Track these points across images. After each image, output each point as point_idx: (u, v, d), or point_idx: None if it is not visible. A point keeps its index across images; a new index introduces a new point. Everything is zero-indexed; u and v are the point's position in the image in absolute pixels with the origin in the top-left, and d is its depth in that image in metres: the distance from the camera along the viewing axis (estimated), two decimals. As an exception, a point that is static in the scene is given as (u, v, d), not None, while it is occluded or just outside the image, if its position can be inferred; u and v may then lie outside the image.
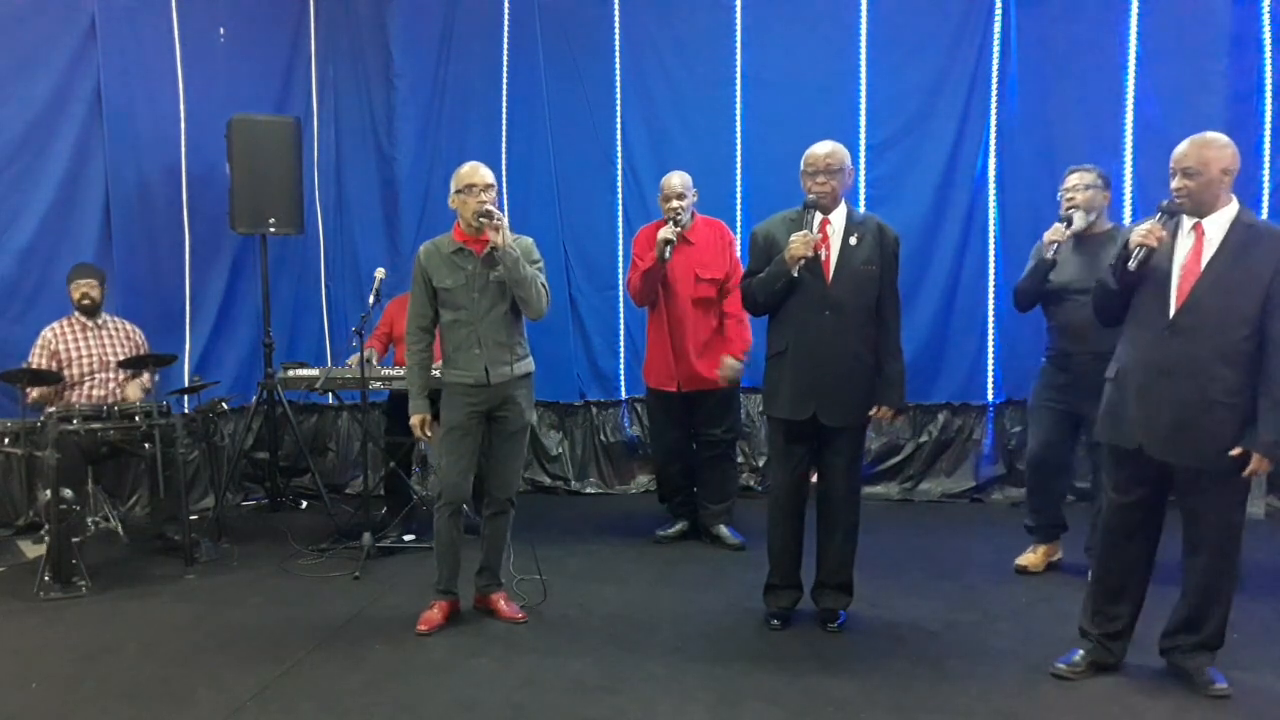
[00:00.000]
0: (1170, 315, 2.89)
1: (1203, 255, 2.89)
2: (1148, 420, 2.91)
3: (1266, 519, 5.06)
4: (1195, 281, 2.87)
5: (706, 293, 4.50)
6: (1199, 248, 2.90)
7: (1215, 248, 2.87)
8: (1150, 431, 2.90)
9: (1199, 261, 2.88)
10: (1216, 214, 2.90)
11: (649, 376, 4.71)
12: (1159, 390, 2.89)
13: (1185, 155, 2.88)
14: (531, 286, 3.49)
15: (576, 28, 5.71)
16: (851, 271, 3.41)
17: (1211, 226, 2.90)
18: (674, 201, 4.46)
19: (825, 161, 3.41)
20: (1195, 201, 2.89)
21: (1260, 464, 2.82)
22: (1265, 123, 5.04)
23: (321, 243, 5.95)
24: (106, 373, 4.72)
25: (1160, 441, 2.90)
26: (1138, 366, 2.95)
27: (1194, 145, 2.89)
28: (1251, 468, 2.83)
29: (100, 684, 3.18)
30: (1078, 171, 4.01)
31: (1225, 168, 2.87)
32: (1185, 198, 2.89)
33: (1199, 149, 2.88)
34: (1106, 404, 3.07)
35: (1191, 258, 2.90)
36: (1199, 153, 2.87)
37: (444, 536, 3.62)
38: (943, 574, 4.19)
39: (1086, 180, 3.97)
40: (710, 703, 2.99)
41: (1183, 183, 2.88)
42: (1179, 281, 2.90)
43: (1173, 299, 2.90)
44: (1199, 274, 2.87)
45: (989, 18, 5.31)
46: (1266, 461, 2.82)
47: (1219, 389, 2.83)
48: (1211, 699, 2.94)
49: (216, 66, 5.61)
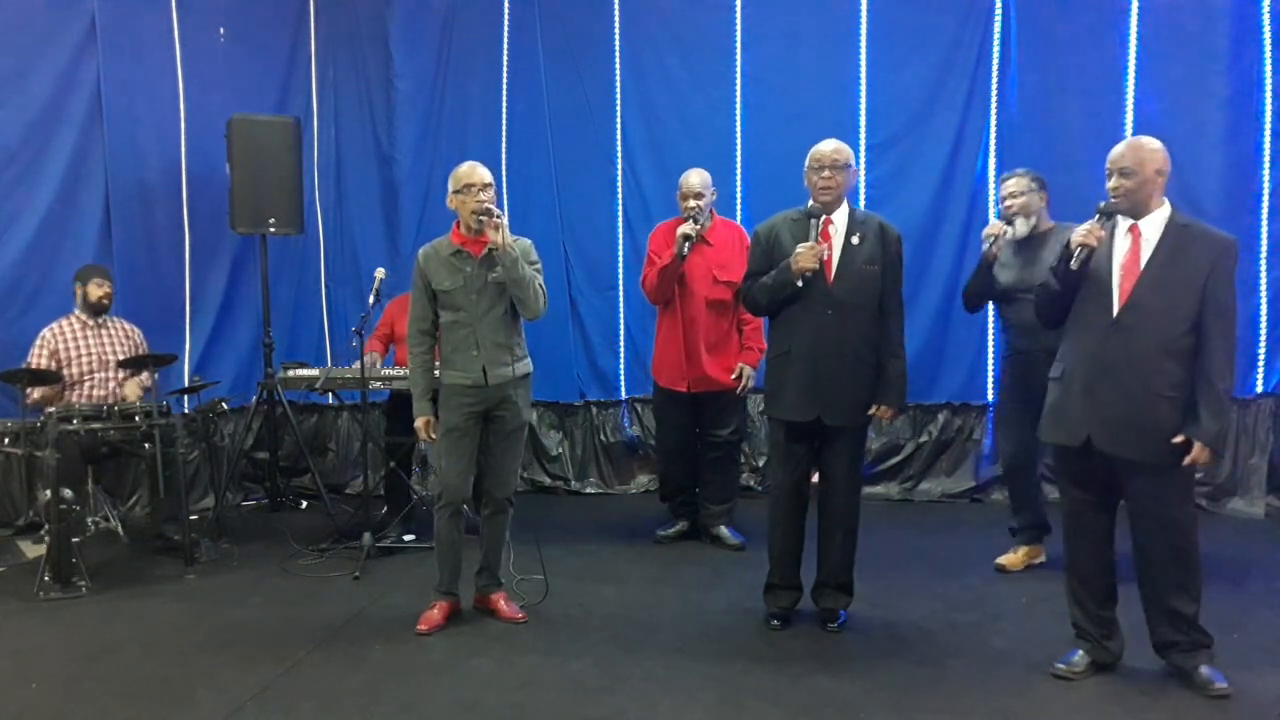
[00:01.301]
0: (1114, 314, 2.97)
1: (1141, 255, 2.97)
2: (1096, 416, 2.97)
3: (1266, 519, 5.06)
4: (1136, 281, 2.95)
5: (722, 295, 4.48)
6: (1136, 248, 2.99)
7: (1152, 248, 2.97)
8: (1099, 426, 2.96)
9: (1138, 262, 2.97)
10: (1151, 215, 3.00)
11: (659, 375, 4.69)
12: (1106, 386, 2.95)
13: (1122, 156, 2.98)
14: (529, 287, 3.49)
15: (576, 28, 5.72)
16: (854, 271, 3.42)
17: (1147, 227, 2.99)
18: (692, 201, 4.44)
19: (832, 157, 3.43)
20: (1131, 201, 2.97)
21: (1200, 453, 2.88)
22: (1265, 123, 5.04)
23: (321, 243, 5.95)
24: (106, 372, 4.72)
25: (1109, 436, 2.95)
26: (1083, 365, 3.01)
27: (1129, 147, 3.00)
28: (1192, 456, 2.89)
29: (100, 684, 3.18)
30: (1013, 177, 4.10)
31: (1159, 168, 2.97)
32: (1122, 197, 2.98)
33: (1134, 150, 2.98)
34: (1050, 404, 3.12)
35: (1130, 258, 2.98)
36: (1135, 154, 2.97)
37: (444, 537, 3.63)
38: (943, 574, 4.19)
39: (1022, 185, 4.04)
40: (710, 703, 2.99)
41: (1119, 182, 2.97)
42: (1120, 281, 2.98)
43: (1115, 298, 2.98)
44: (1139, 274, 2.96)
45: (989, 18, 5.32)
46: (1207, 451, 2.88)
47: (1163, 383, 2.91)
48: (1211, 699, 2.93)
49: (216, 66, 5.61)
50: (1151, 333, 2.92)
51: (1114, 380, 2.94)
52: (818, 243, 3.38)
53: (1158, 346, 2.91)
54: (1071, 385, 3.04)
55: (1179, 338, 2.91)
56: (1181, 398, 2.91)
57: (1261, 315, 5.12)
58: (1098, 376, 2.97)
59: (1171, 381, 2.91)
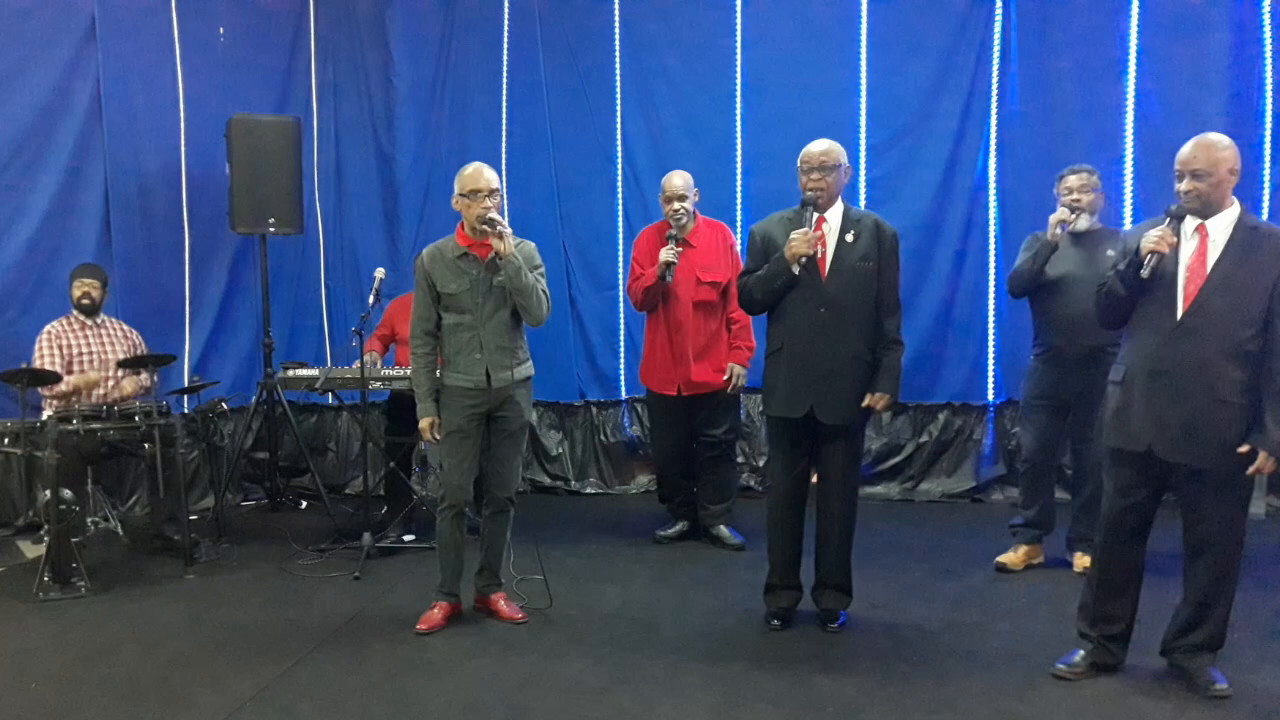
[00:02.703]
0: (1178, 317, 2.89)
1: (1208, 257, 2.89)
2: (1157, 421, 2.90)
3: (1267, 519, 5.05)
4: (1202, 284, 2.87)
5: (708, 295, 4.49)
6: (1203, 249, 2.90)
7: (1220, 250, 2.88)
8: (1160, 433, 2.90)
9: (1204, 263, 2.89)
10: (1219, 215, 2.90)
11: (649, 380, 4.70)
12: (1168, 391, 2.89)
13: (1194, 157, 2.87)
14: (532, 294, 3.49)
15: (576, 28, 5.71)
16: (847, 268, 3.42)
17: (1215, 228, 2.90)
18: (675, 203, 4.44)
19: (820, 159, 3.42)
20: (1204, 203, 2.89)
21: (1266, 462, 2.82)
22: (1265, 123, 5.03)
23: (321, 243, 5.94)
24: (106, 371, 4.72)
25: (1170, 442, 2.89)
26: (1145, 369, 2.94)
27: (1201, 147, 2.88)
28: (1257, 465, 2.83)
29: (100, 684, 3.18)
30: (1079, 173, 4.03)
31: (1232, 168, 2.88)
32: (1195, 199, 2.88)
33: (1207, 150, 2.87)
34: (1113, 407, 3.05)
35: (1196, 260, 2.90)
36: (1208, 154, 2.86)
37: (446, 538, 3.63)
38: (943, 574, 4.19)
39: (1090, 182, 4.00)
40: (710, 703, 2.99)
41: (1192, 185, 2.87)
42: (1185, 284, 2.90)
43: (1180, 301, 2.90)
44: (1205, 276, 2.88)
45: (989, 18, 5.31)
46: (1273, 461, 2.82)
47: (1227, 389, 2.84)
48: (1212, 699, 2.94)
49: (216, 66, 5.61)
50: (1216, 336, 2.84)
51: (1176, 385, 2.87)
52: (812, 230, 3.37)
53: (1222, 351, 2.84)
54: (1134, 389, 2.96)
55: (1245, 342, 2.83)
56: (1245, 403, 2.84)
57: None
58: (1160, 381, 2.89)
59: (1235, 387, 2.84)
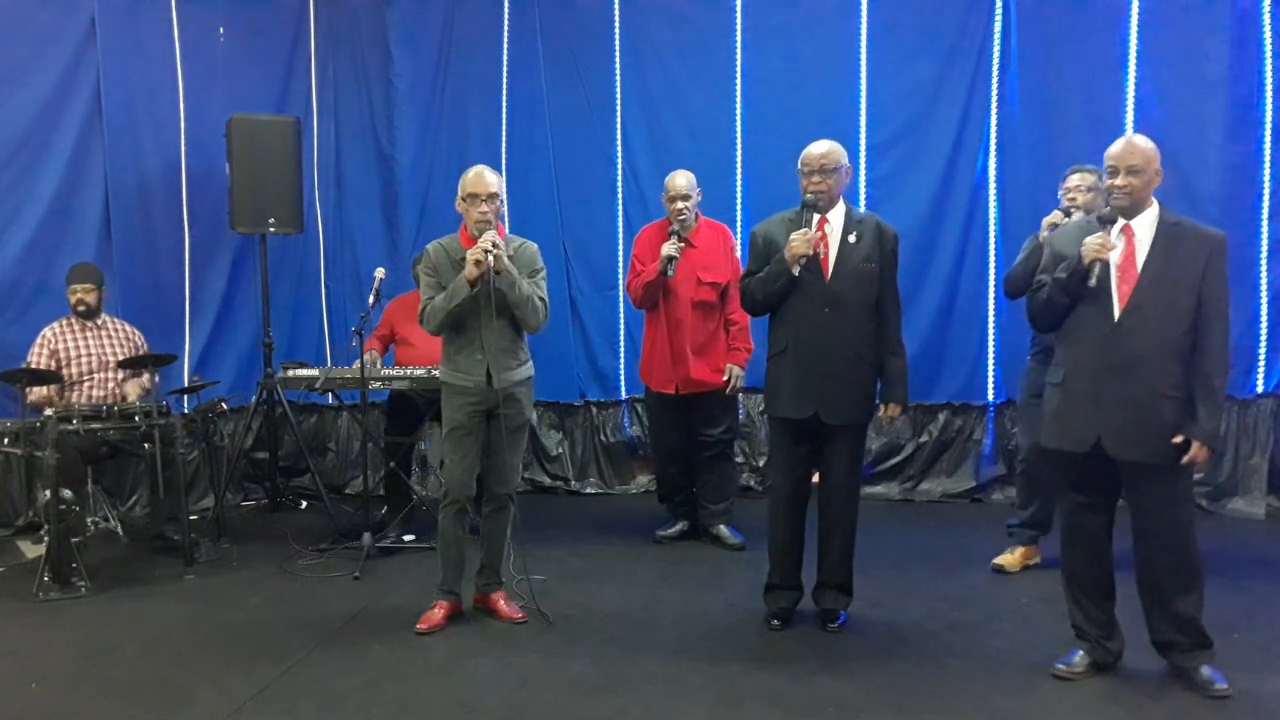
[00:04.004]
0: (1115, 317, 2.95)
1: (1136, 257, 2.95)
2: (1106, 421, 2.94)
3: (1267, 519, 5.06)
4: (1135, 284, 2.94)
5: (707, 296, 4.50)
6: (1130, 249, 2.97)
7: (1147, 249, 2.95)
8: (1110, 431, 2.94)
9: (1134, 264, 2.95)
10: (1142, 215, 2.97)
11: (648, 378, 4.71)
12: (1112, 390, 2.94)
13: (1130, 154, 2.94)
14: (528, 304, 3.49)
15: (576, 28, 5.71)
16: (850, 269, 3.42)
17: (1140, 227, 2.97)
18: (679, 203, 4.44)
19: (820, 161, 3.42)
20: (1134, 200, 2.95)
21: (1199, 452, 2.88)
22: (1265, 123, 5.04)
23: (321, 243, 5.94)
24: (106, 373, 4.72)
25: (1119, 440, 2.94)
26: (1086, 370, 2.99)
27: (1134, 145, 2.97)
28: (1190, 455, 2.89)
29: (100, 684, 3.18)
30: (1081, 172, 4.02)
31: (1158, 168, 2.96)
32: (1127, 196, 2.94)
33: (1139, 148, 2.95)
34: (1052, 410, 3.09)
35: (1126, 260, 2.96)
36: (1141, 152, 2.94)
37: (448, 536, 3.63)
38: (943, 574, 4.19)
39: (1089, 182, 3.99)
40: (710, 703, 2.99)
41: (1127, 180, 2.93)
42: (1118, 284, 2.96)
43: (1115, 302, 2.96)
44: (1136, 276, 2.94)
45: (989, 18, 5.31)
46: (1205, 450, 2.88)
47: (1168, 383, 2.91)
48: (1212, 699, 2.94)
49: (216, 66, 5.61)
50: (1153, 334, 2.91)
51: (1120, 383, 2.92)
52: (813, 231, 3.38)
53: (1160, 347, 2.91)
54: (1074, 390, 3.01)
55: (1179, 337, 2.91)
56: (1183, 396, 2.91)
57: (1261, 315, 5.11)
58: (1103, 381, 2.94)
59: (1175, 381, 2.91)
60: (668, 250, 4.38)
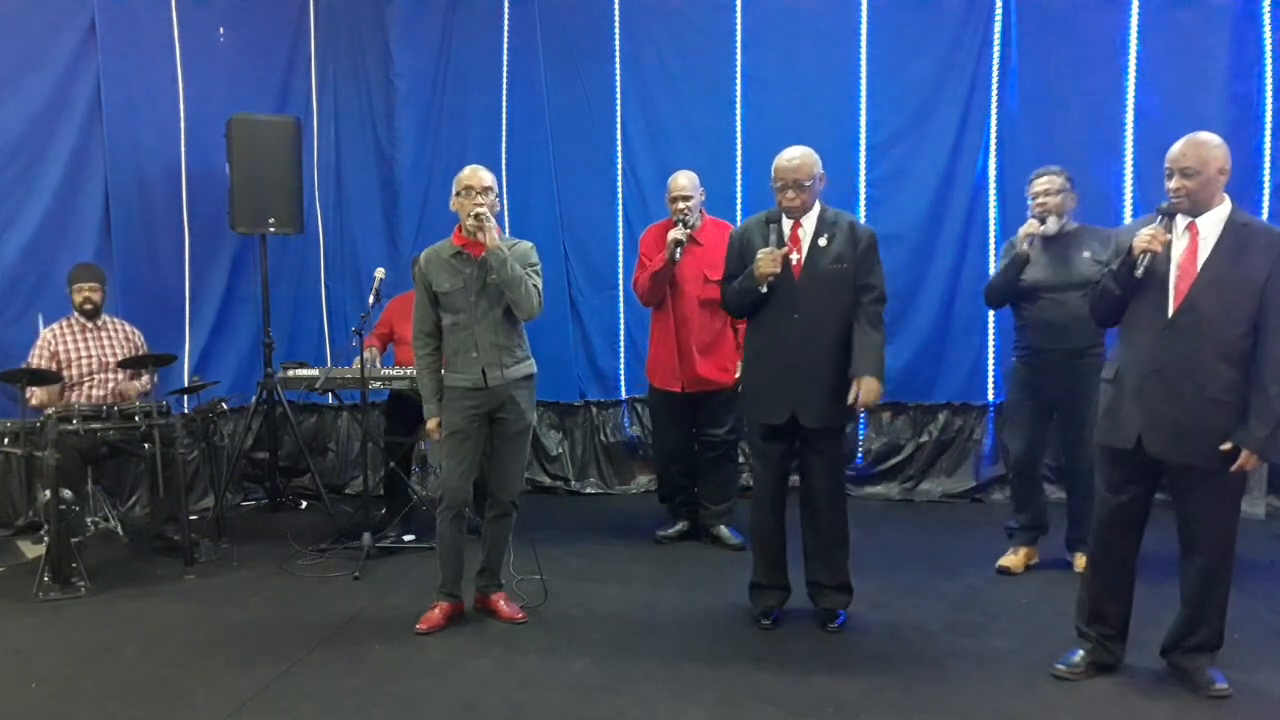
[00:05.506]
0: (1169, 315, 2.89)
1: (1198, 255, 2.89)
2: (1149, 419, 2.91)
3: (1267, 519, 5.05)
4: (1193, 282, 2.88)
5: (714, 294, 4.45)
6: (1194, 247, 2.90)
7: (1210, 247, 2.88)
8: (1151, 430, 2.90)
9: (1195, 262, 2.89)
10: (1210, 213, 2.91)
11: (653, 376, 4.70)
12: (1159, 389, 2.89)
13: (1183, 155, 2.88)
14: (519, 285, 3.49)
15: (576, 28, 5.71)
16: (820, 272, 3.41)
17: (1206, 225, 2.91)
18: (681, 203, 4.44)
19: (794, 175, 3.39)
20: (1193, 201, 2.89)
21: (1248, 460, 2.83)
22: (1265, 123, 5.04)
23: (321, 243, 5.94)
24: (106, 373, 4.71)
25: (1161, 440, 2.90)
26: (1137, 366, 2.95)
27: (1191, 145, 2.89)
28: (1240, 463, 2.84)
29: (100, 684, 3.18)
30: (1046, 175, 4.05)
31: (1221, 167, 2.88)
32: (1184, 197, 2.89)
33: (1196, 149, 2.88)
34: (1104, 405, 3.06)
35: (1187, 258, 2.90)
36: (1197, 152, 2.87)
37: (446, 539, 3.63)
38: (943, 574, 4.19)
39: (1056, 184, 4.01)
40: (710, 703, 2.99)
41: (1180, 183, 2.88)
42: (1176, 281, 2.91)
43: (1171, 299, 2.90)
44: (1195, 274, 2.88)
45: (989, 18, 5.31)
46: (1255, 458, 2.83)
47: (1218, 387, 2.85)
48: (1212, 699, 2.94)
49: (216, 66, 5.61)
50: (1207, 334, 2.84)
51: (1168, 383, 2.87)
52: (781, 247, 3.37)
53: (1213, 349, 2.84)
54: (1125, 386, 2.97)
55: (1235, 340, 2.84)
56: (1235, 402, 2.84)
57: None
58: (1149, 378, 2.90)
59: (1226, 385, 2.84)
60: (674, 235, 4.37)
